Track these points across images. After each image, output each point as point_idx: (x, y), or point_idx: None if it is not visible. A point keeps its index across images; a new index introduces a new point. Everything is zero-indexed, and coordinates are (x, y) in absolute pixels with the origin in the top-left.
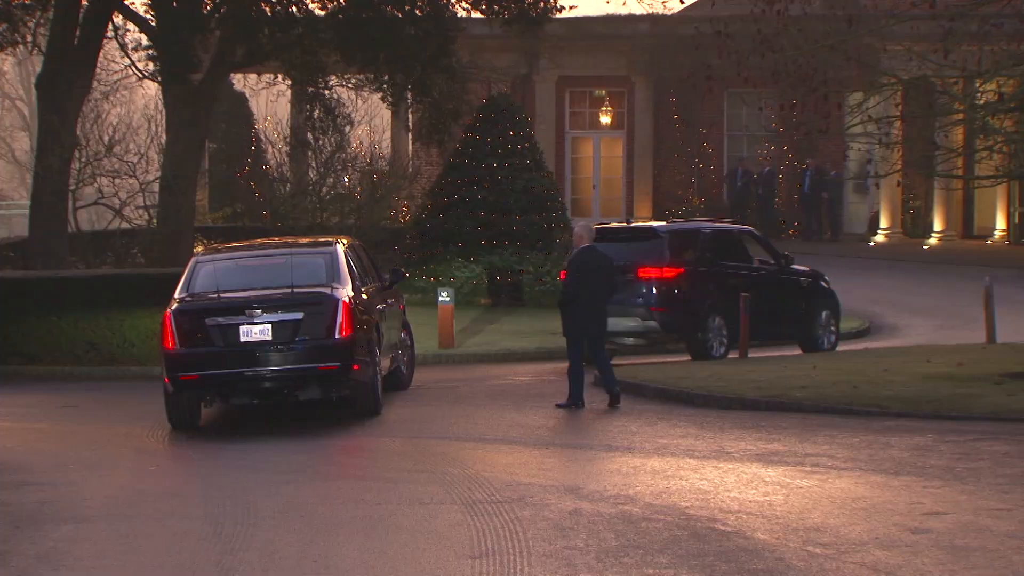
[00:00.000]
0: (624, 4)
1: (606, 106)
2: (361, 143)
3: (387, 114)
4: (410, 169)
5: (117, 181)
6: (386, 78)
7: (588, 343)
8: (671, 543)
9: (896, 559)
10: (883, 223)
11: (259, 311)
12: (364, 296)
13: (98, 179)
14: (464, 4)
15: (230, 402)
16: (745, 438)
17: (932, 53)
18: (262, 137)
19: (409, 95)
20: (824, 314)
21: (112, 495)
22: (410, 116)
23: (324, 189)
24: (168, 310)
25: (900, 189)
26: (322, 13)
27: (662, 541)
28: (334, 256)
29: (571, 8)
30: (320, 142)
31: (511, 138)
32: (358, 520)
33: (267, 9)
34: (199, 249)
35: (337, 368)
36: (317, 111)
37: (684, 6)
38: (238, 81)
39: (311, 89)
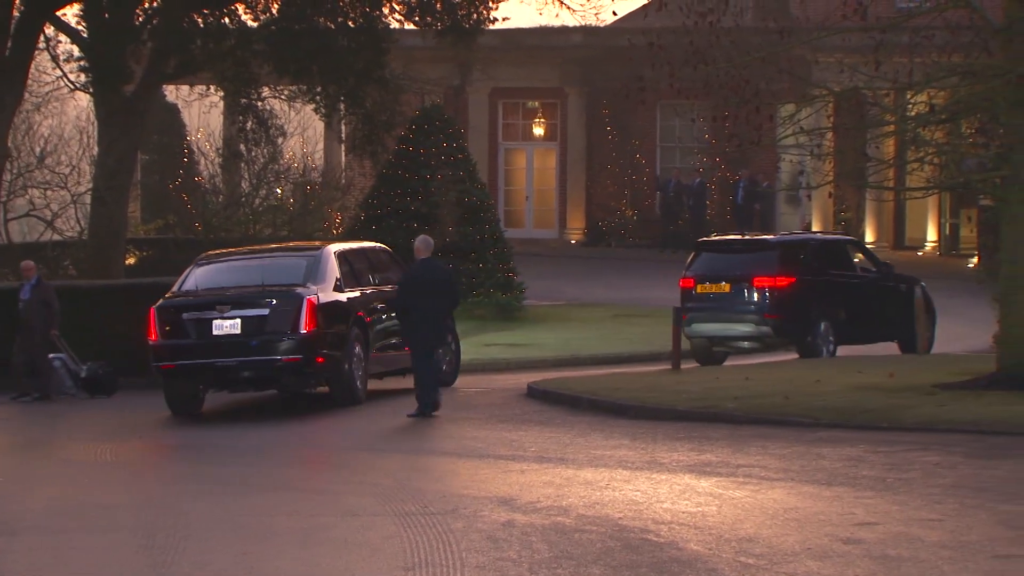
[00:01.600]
0: (557, 16)
1: (539, 118)
2: (294, 154)
3: (320, 125)
4: (343, 180)
5: (49, 193)
6: (319, 89)
7: (427, 352)
8: (604, 554)
9: (828, 569)
10: None
11: (229, 307)
12: (349, 296)
13: (30, 191)
14: (397, 16)
15: (227, 391)
16: (678, 449)
17: (863, 65)
18: (194, 148)
19: (342, 106)
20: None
21: (44, 508)
22: (343, 127)
23: (257, 200)
24: (152, 306)
25: (832, 200)
26: (255, 24)
27: (595, 552)
28: (317, 258)
29: (504, 20)
30: (253, 153)
31: (444, 149)
32: (292, 532)
33: (199, 20)
34: (131, 261)
35: (299, 360)
36: (250, 122)
37: (617, 18)
38: (170, 92)
39: (244, 100)
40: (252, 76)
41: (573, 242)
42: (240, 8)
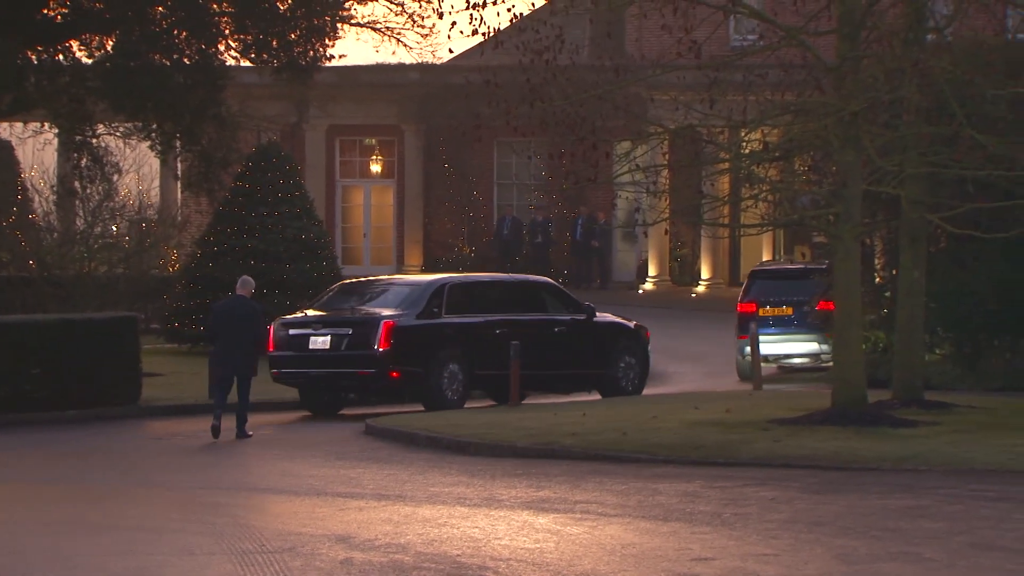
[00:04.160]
0: (394, 54)
1: (376, 155)
2: (130, 192)
3: (156, 162)
4: (179, 217)
5: None
6: (154, 127)
7: (236, 382)
8: None
9: None
10: (651, 271)
11: (322, 326)
12: (449, 321)
13: None
14: (233, 52)
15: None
16: (516, 485)
17: (698, 103)
18: (29, 186)
19: (178, 144)
20: None
21: None
22: (179, 164)
23: (92, 238)
24: (272, 323)
25: (668, 237)
26: (89, 61)
27: None
28: (419, 288)
29: (341, 57)
30: (88, 191)
31: (281, 187)
32: (128, 571)
33: (33, 57)
34: None
35: (372, 374)
36: (84, 159)
37: (454, 55)
38: (3, 129)
39: (78, 137)
40: (87, 113)
41: None
42: (75, 45)
